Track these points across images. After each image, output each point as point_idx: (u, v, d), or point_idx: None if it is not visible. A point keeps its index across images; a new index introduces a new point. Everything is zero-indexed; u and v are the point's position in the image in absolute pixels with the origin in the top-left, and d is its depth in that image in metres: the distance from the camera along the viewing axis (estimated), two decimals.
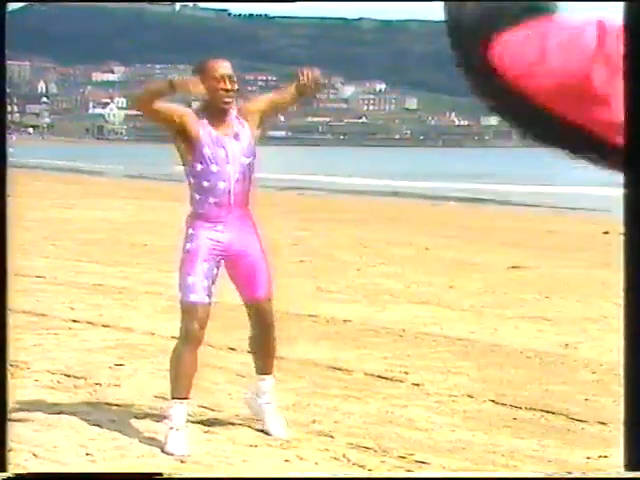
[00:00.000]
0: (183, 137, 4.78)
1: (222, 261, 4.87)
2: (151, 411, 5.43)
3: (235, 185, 4.80)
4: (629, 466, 4.10)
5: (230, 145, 4.79)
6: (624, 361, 4.01)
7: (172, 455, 4.70)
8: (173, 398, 4.85)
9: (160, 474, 4.38)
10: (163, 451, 4.74)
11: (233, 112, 4.84)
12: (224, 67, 4.77)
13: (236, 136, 4.81)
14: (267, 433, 5.03)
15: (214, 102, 4.77)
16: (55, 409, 5.45)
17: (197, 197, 4.81)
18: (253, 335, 5.09)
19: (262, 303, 4.96)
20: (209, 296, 4.80)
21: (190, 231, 4.82)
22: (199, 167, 4.77)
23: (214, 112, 4.79)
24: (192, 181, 4.81)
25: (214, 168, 4.76)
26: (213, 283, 4.83)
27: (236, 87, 4.80)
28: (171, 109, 4.78)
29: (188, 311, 4.78)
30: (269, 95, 5.11)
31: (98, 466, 4.56)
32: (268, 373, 5.16)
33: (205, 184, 4.77)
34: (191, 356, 4.81)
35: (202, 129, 4.75)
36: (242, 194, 4.85)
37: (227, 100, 4.77)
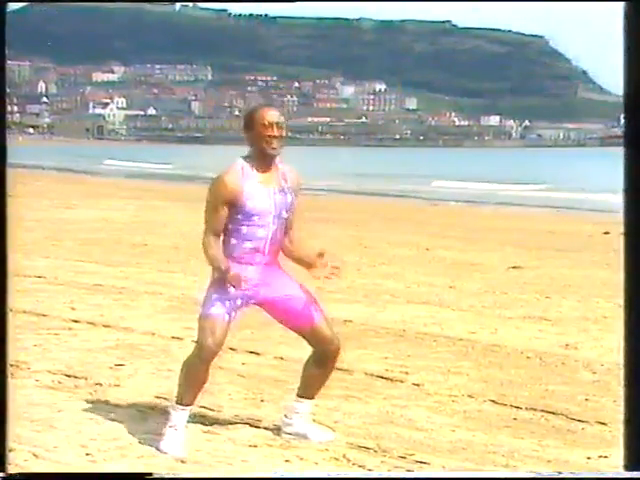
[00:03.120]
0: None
1: (249, 302, 4.85)
2: (152, 411, 5.44)
3: (273, 235, 4.81)
4: (628, 466, 4.11)
5: (275, 197, 4.79)
6: (624, 361, 4.02)
7: (166, 454, 4.71)
8: (177, 403, 4.86)
9: (159, 474, 4.38)
10: (158, 449, 4.75)
11: (279, 164, 4.84)
12: (272, 115, 4.76)
13: (282, 190, 4.82)
14: (306, 438, 5.03)
15: (262, 149, 4.75)
16: (55, 409, 5.46)
17: (233, 241, 4.79)
18: (312, 359, 5.02)
19: (314, 327, 4.90)
20: (229, 314, 4.77)
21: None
22: (240, 217, 4.75)
23: (261, 161, 4.78)
24: (230, 226, 4.78)
25: (256, 219, 4.76)
26: (235, 311, 4.80)
27: (284, 134, 4.79)
28: (223, 218, 4.73)
29: (205, 324, 4.74)
30: (293, 212, 4.92)
31: (98, 466, 4.56)
32: (310, 398, 5.12)
33: (244, 230, 4.77)
34: (202, 369, 4.79)
35: (247, 185, 4.72)
36: (277, 244, 4.86)
37: (275, 147, 4.75)
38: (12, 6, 4.27)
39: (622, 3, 3.94)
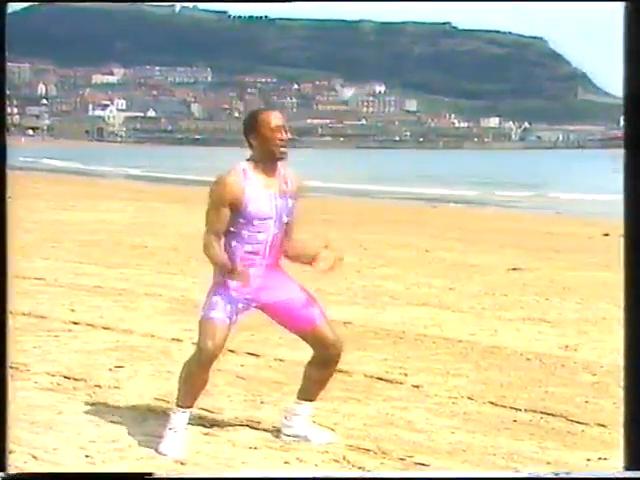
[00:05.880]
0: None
1: (251, 305, 4.85)
2: (151, 413, 5.43)
3: (273, 239, 4.79)
4: (628, 466, 4.11)
5: (276, 201, 4.77)
6: (624, 363, 4.02)
7: (165, 455, 4.71)
8: (177, 405, 4.86)
9: (159, 475, 4.37)
10: (158, 451, 4.74)
11: (281, 168, 4.81)
12: (278, 118, 4.75)
13: (283, 194, 4.80)
14: (308, 440, 5.02)
15: (268, 153, 4.73)
16: (55, 411, 5.45)
17: (233, 244, 4.77)
18: (313, 362, 5.00)
19: (316, 330, 4.88)
20: (230, 318, 4.76)
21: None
22: (242, 220, 4.74)
23: (264, 164, 4.75)
24: (230, 229, 4.76)
25: (257, 222, 4.74)
26: (236, 315, 4.79)
27: (290, 136, 4.78)
28: (224, 219, 4.71)
29: (206, 327, 4.73)
30: (294, 216, 4.90)
31: (97, 468, 4.56)
32: (311, 400, 5.11)
33: (245, 233, 4.75)
34: (202, 372, 4.77)
35: (248, 188, 4.69)
36: (277, 248, 4.84)
37: (282, 150, 4.74)
38: (12, 7, 4.27)
39: (622, 3, 3.94)
